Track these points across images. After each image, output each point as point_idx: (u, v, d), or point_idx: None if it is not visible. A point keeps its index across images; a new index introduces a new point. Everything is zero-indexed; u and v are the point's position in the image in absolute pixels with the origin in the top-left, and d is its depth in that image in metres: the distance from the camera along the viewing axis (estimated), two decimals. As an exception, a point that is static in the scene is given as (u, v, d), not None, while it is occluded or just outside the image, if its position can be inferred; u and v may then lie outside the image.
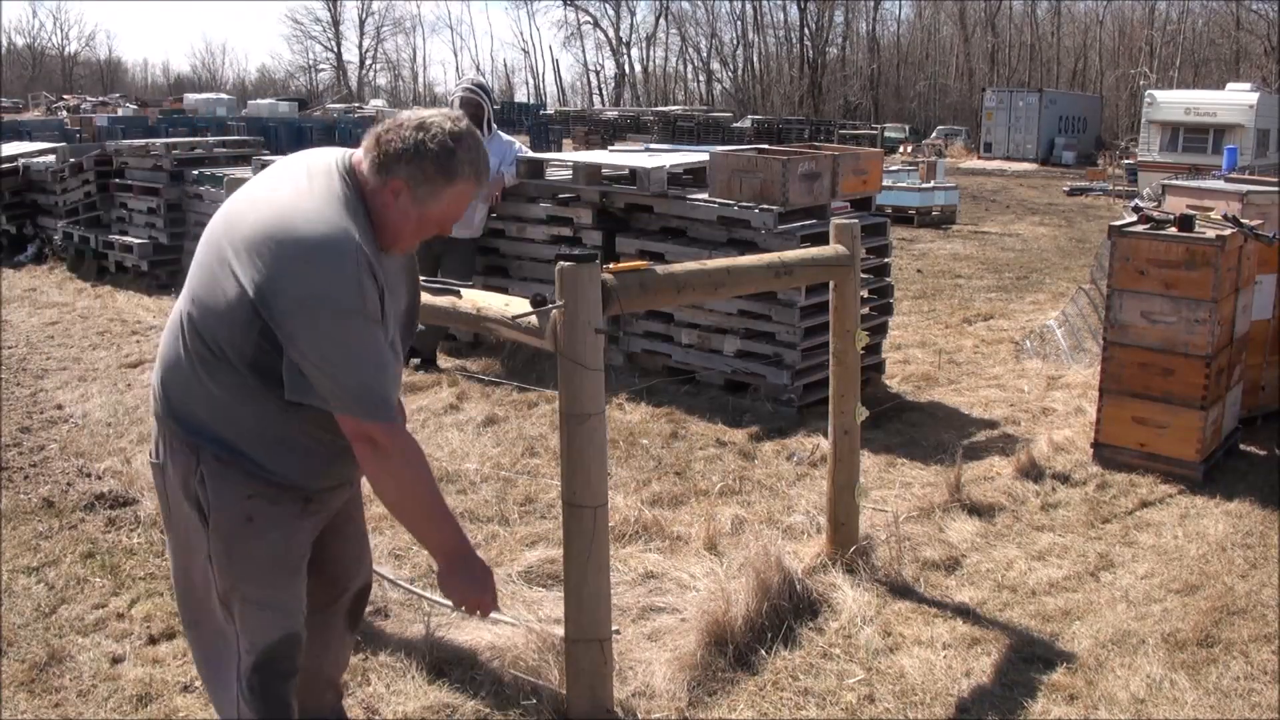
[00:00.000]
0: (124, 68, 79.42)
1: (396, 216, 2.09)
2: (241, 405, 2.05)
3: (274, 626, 2.15)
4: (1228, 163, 10.93)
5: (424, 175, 2.06)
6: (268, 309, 1.95)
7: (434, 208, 2.10)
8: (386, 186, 2.06)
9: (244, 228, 2.02)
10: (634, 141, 27.10)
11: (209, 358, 2.04)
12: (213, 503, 2.07)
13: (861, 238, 3.68)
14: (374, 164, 2.07)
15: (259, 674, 2.17)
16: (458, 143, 2.07)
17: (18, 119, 26.10)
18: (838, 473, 3.73)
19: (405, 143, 2.05)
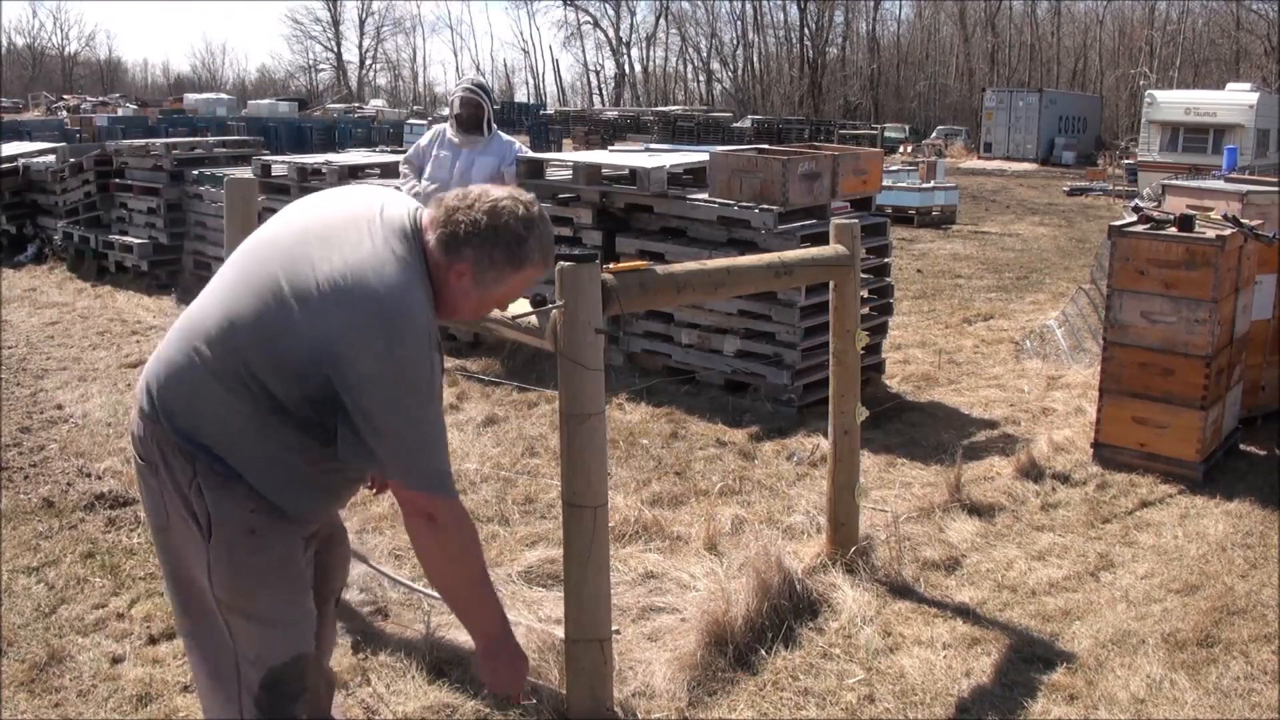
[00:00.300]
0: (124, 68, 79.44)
1: (457, 295, 2.06)
2: (257, 436, 1.99)
3: (283, 645, 2.09)
4: (1228, 163, 10.94)
5: (491, 262, 2.03)
6: (338, 373, 1.90)
7: (496, 292, 2.09)
8: (451, 268, 2.03)
9: (313, 275, 1.95)
10: (634, 141, 27.11)
11: (237, 385, 1.96)
12: (214, 514, 1.99)
13: (861, 238, 3.68)
14: (441, 242, 2.02)
15: (268, 693, 2.10)
16: (529, 231, 2.04)
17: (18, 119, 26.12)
18: (838, 473, 3.73)
19: (475, 226, 2.00)
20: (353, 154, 9.95)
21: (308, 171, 7.64)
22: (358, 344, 1.89)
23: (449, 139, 6.30)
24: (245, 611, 2.05)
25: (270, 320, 1.94)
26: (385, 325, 1.90)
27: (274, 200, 7.75)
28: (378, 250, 1.98)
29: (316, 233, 2.03)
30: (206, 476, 1.99)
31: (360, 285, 1.92)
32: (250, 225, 3.72)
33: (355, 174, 7.42)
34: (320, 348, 1.90)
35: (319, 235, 2.02)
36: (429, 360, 1.94)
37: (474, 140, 6.25)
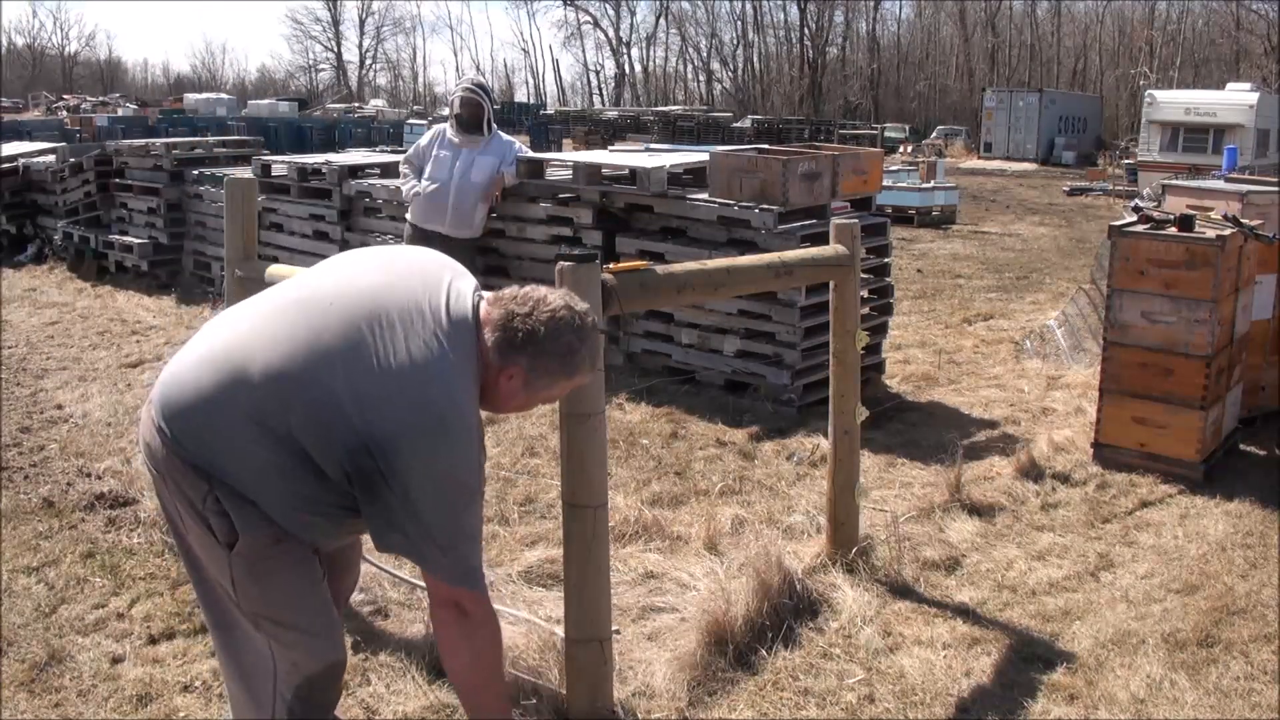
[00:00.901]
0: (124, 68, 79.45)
1: (505, 394, 2.10)
2: (282, 483, 1.98)
3: (320, 653, 2.11)
4: (1228, 163, 10.93)
5: (545, 370, 2.08)
6: (389, 466, 1.91)
7: (543, 394, 2.14)
8: (504, 371, 2.06)
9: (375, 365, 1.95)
10: (634, 141, 27.10)
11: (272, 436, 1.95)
12: (239, 524, 1.98)
13: (861, 238, 3.68)
14: (496, 346, 2.04)
15: (301, 703, 2.12)
16: (583, 342, 2.09)
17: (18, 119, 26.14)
18: (838, 473, 3.73)
19: (532, 336, 2.03)
20: (353, 154, 9.95)
21: (308, 171, 7.64)
22: (415, 445, 1.91)
23: (449, 139, 6.30)
24: (278, 620, 2.07)
25: (323, 394, 1.94)
26: (442, 431, 1.93)
27: (274, 200, 7.75)
28: (442, 350, 1.99)
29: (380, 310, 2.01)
30: (224, 490, 1.98)
31: (421, 389, 1.94)
32: (250, 225, 3.72)
33: (355, 174, 7.42)
34: (373, 439, 1.91)
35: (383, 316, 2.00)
36: (477, 464, 1.99)
37: (474, 140, 6.26)
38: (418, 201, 6.26)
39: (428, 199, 6.22)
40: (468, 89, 6.36)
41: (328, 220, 7.49)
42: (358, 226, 7.39)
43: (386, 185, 7.06)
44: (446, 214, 6.19)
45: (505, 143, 6.53)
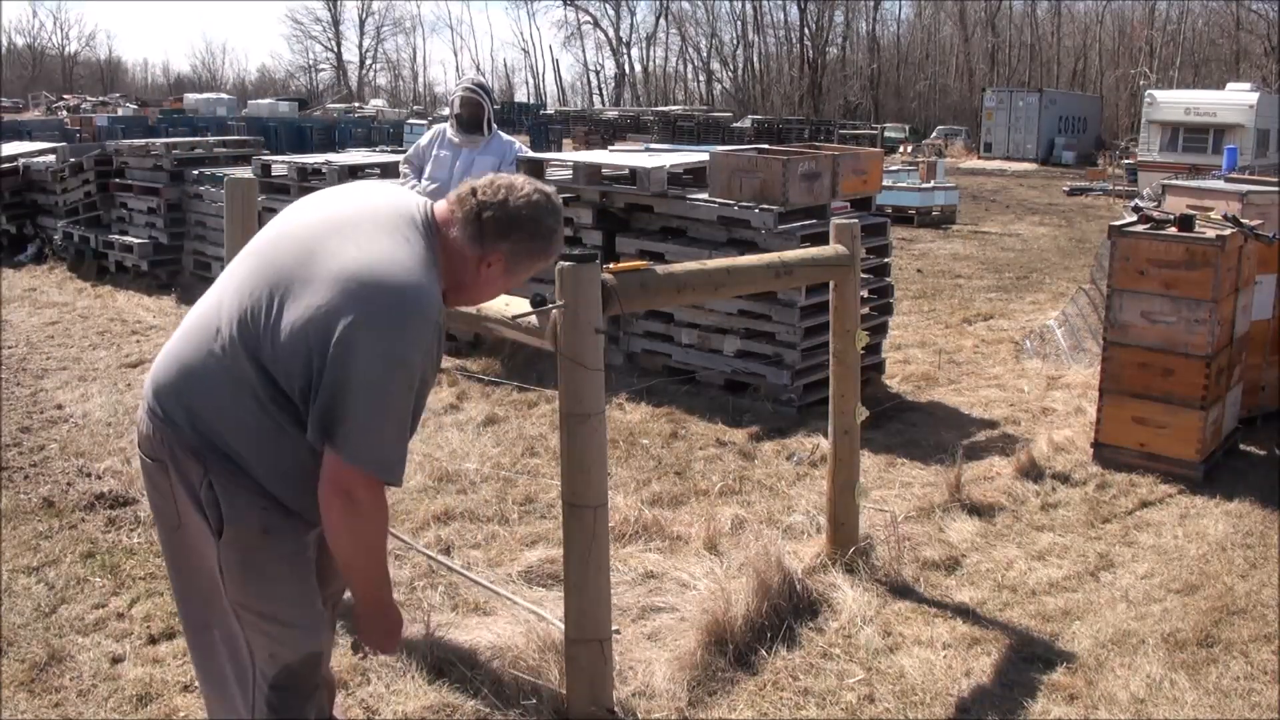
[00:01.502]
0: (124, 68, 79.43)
1: (483, 283, 2.13)
2: (267, 435, 1.99)
3: (298, 644, 2.10)
4: (1228, 163, 10.94)
5: (526, 252, 2.11)
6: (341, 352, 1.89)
7: (520, 277, 2.16)
8: (482, 259, 2.08)
9: (323, 262, 1.96)
10: (634, 141, 27.10)
11: (252, 380, 1.96)
12: (226, 513, 2.00)
13: (861, 238, 3.68)
14: (474, 237, 2.07)
15: (279, 693, 2.10)
16: (559, 221, 2.14)
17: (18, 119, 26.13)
18: (838, 473, 3.73)
19: (512, 221, 2.07)
20: (353, 154, 9.95)
21: (308, 171, 7.64)
22: (370, 330, 1.89)
23: (449, 138, 6.30)
24: (260, 611, 2.06)
25: (282, 308, 1.94)
26: (400, 316, 1.92)
27: (274, 200, 7.75)
28: (394, 243, 2.00)
29: (330, 226, 2.04)
30: (218, 475, 1.99)
31: (378, 276, 1.93)
32: (250, 225, 3.73)
33: (355, 174, 7.42)
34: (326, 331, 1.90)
35: (333, 228, 2.03)
36: (426, 350, 1.96)
37: (474, 140, 6.26)
38: None
39: (428, 198, 6.22)
40: (468, 89, 6.36)
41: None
42: (358, 226, 7.39)
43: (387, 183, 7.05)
44: None
45: (505, 142, 6.53)
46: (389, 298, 1.91)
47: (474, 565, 3.74)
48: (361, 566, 2.07)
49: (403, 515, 4.18)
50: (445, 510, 4.21)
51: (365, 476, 1.94)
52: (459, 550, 3.89)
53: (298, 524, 2.09)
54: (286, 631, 2.08)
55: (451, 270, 2.08)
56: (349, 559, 2.05)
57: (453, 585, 3.54)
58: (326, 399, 1.91)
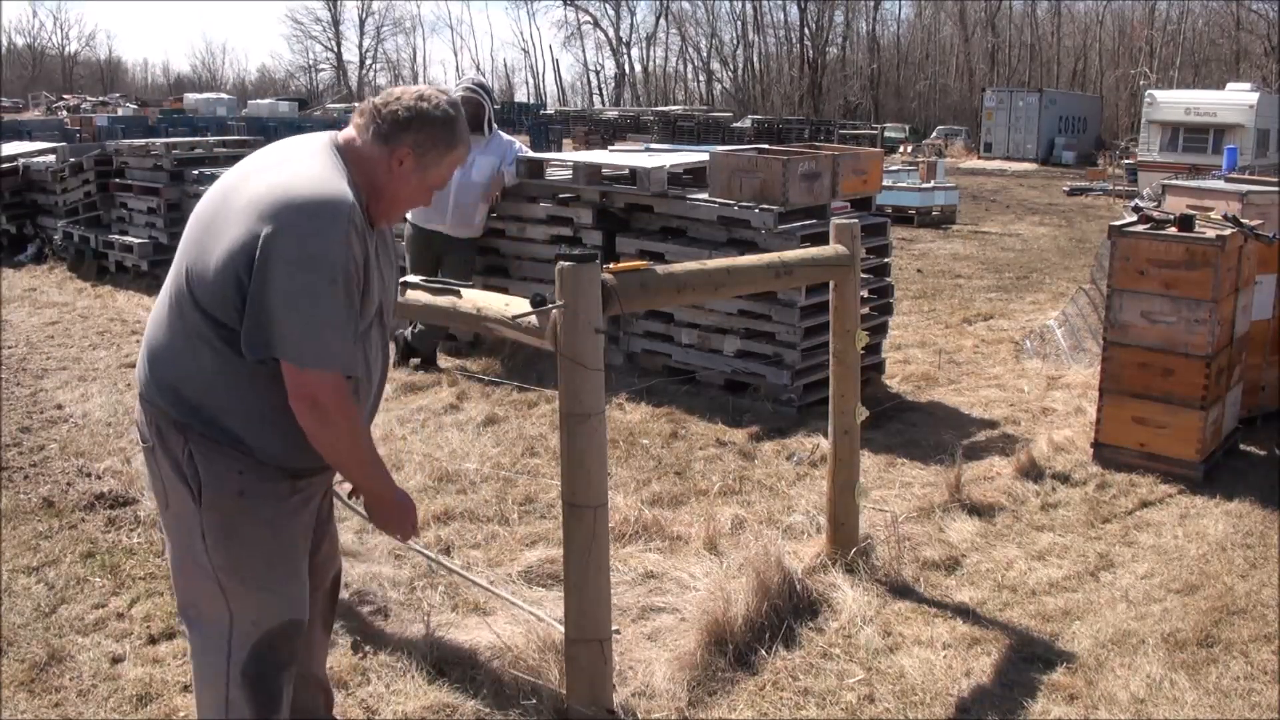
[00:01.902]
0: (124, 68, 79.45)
1: (397, 183, 2.19)
2: (230, 379, 2.08)
3: (276, 611, 2.15)
4: (1228, 163, 10.93)
5: (430, 141, 2.17)
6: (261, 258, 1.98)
7: (433, 173, 2.22)
8: (392, 155, 2.16)
9: (239, 198, 2.07)
10: (634, 141, 27.10)
11: (204, 330, 2.07)
12: (204, 479, 2.09)
13: (861, 238, 3.68)
14: (376, 134, 2.16)
15: (256, 661, 2.15)
16: (456, 110, 2.22)
17: (18, 119, 26.12)
18: (838, 473, 3.73)
19: (410, 112, 2.15)
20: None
21: (308, 171, 7.63)
22: (282, 233, 1.98)
23: (449, 139, 6.30)
24: (241, 575, 2.12)
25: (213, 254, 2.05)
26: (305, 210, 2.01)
27: (274, 200, 7.75)
28: (300, 163, 2.12)
29: (242, 174, 2.17)
30: (197, 443, 2.09)
31: (282, 187, 2.04)
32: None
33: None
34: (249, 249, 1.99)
35: (245, 175, 2.16)
36: (346, 245, 2.02)
37: (474, 139, 6.25)
38: None
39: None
40: (468, 88, 6.36)
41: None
42: (358, 226, 7.39)
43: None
44: (447, 213, 6.20)
45: (505, 142, 6.53)
46: (296, 205, 2.01)
47: (474, 565, 3.74)
48: (348, 462, 2.17)
49: (403, 515, 4.17)
50: (445, 510, 4.21)
51: (317, 375, 2.03)
52: (459, 550, 3.89)
53: (279, 485, 2.15)
54: (266, 596, 2.14)
55: (366, 177, 2.17)
56: (336, 459, 2.16)
57: (453, 585, 3.54)
58: (256, 311, 2.00)
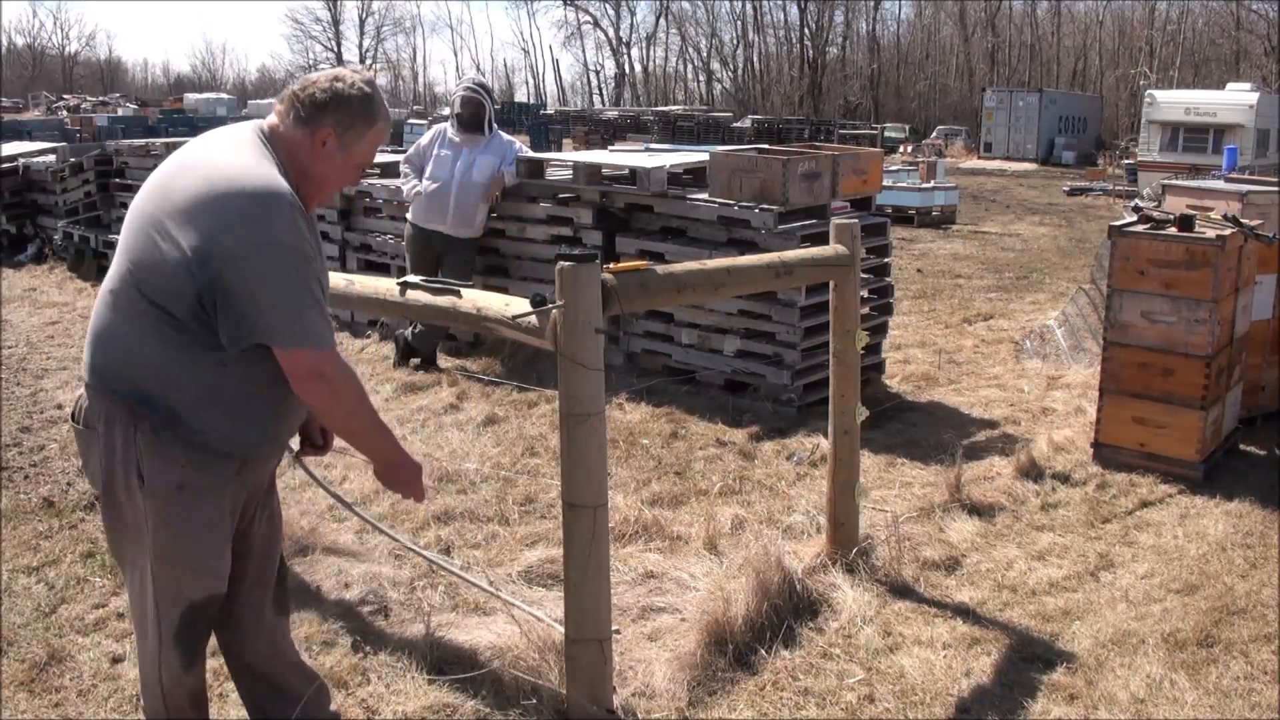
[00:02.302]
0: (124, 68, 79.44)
1: (323, 164, 2.27)
2: (179, 365, 2.16)
3: (201, 586, 2.31)
4: (1228, 163, 10.92)
5: (350, 119, 2.25)
6: (211, 260, 2.06)
7: (357, 151, 2.30)
8: (314, 136, 2.24)
9: (179, 193, 2.13)
10: (634, 141, 27.10)
11: (152, 320, 2.14)
12: (147, 470, 2.19)
13: (861, 238, 3.68)
14: (297, 118, 2.24)
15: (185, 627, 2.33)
16: (373, 89, 2.29)
17: (18, 119, 26.11)
18: (838, 473, 3.73)
19: (328, 93, 2.23)
20: (353, 154, 9.93)
21: (308, 171, 7.63)
22: (223, 229, 2.07)
23: (449, 138, 6.31)
24: (173, 558, 2.26)
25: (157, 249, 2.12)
26: (246, 203, 2.08)
27: (274, 200, 7.75)
28: (229, 154, 2.19)
29: (179, 166, 2.23)
30: (146, 434, 2.18)
31: (217, 181, 2.11)
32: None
33: (355, 174, 7.42)
34: (196, 247, 2.07)
35: (181, 167, 2.22)
36: (296, 226, 2.11)
37: (474, 139, 6.26)
38: (419, 201, 6.26)
39: (429, 198, 6.22)
40: (468, 88, 6.37)
41: (327, 220, 7.49)
42: (358, 226, 7.39)
43: (386, 185, 7.06)
44: (448, 213, 6.20)
45: (505, 142, 6.53)
46: (239, 197, 2.09)
47: (474, 565, 3.74)
48: (360, 430, 2.30)
49: (403, 515, 4.18)
50: (445, 510, 4.21)
51: (315, 353, 2.13)
52: (459, 550, 3.89)
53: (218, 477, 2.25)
54: (195, 576, 2.30)
55: (293, 161, 2.24)
56: (349, 430, 2.29)
57: (453, 585, 3.54)
58: (234, 306, 2.08)
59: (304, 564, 3.66)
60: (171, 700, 2.40)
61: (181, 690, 2.40)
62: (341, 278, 3.41)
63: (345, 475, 4.59)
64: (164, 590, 2.29)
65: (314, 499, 4.25)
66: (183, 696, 2.41)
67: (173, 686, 2.38)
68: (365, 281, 3.27)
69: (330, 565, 3.66)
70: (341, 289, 3.26)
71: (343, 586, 3.54)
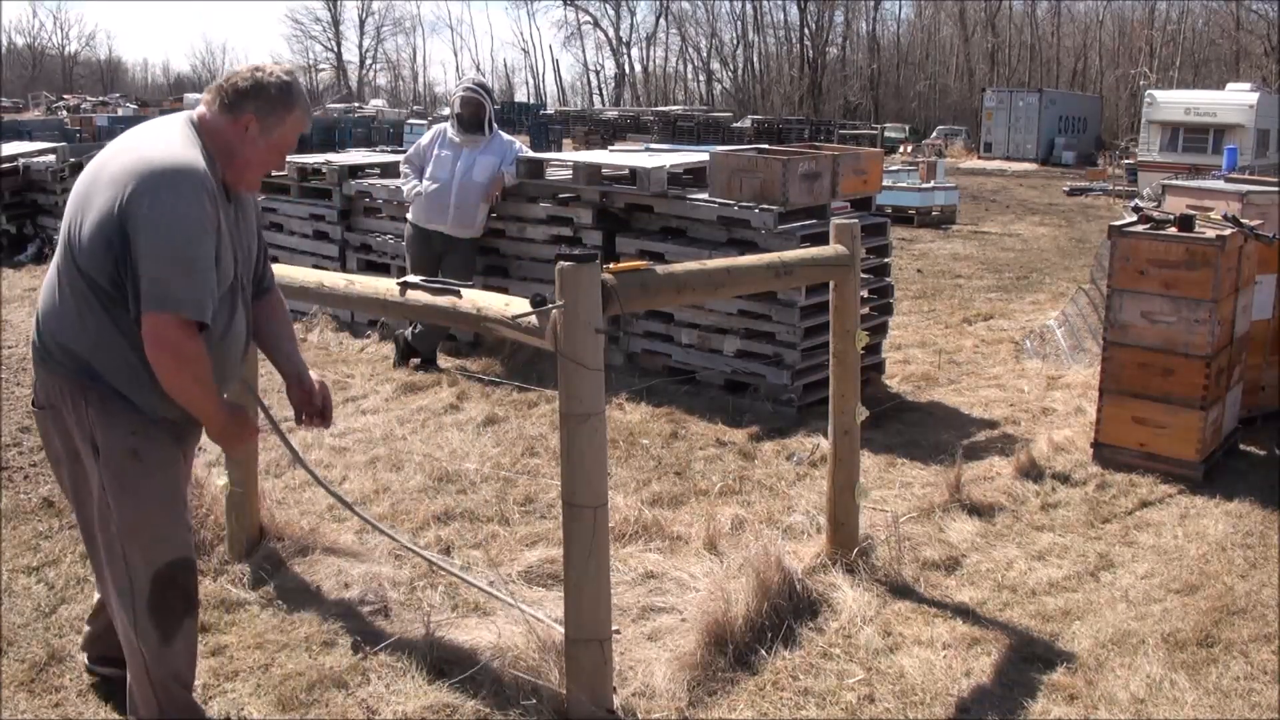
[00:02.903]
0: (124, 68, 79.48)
1: (247, 148, 2.47)
2: (111, 338, 2.36)
3: (166, 551, 2.46)
4: (1228, 163, 10.93)
5: (271, 107, 2.46)
6: (123, 229, 2.27)
7: (277, 135, 2.49)
8: (238, 122, 2.45)
9: (107, 173, 2.34)
10: (634, 141, 27.10)
11: (85, 293, 2.34)
12: (100, 440, 2.37)
13: (861, 238, 3.68)
14: (223, 106, 2.45)
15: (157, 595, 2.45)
16: (291, 78, 2.51)
17: (18, 119, 26.13)
18: (838, 473, 3.73)
19: (249, 82, 2.45)
20: (353, 154, 9.95)
21: (308, 171, 7.64)
22: (136, 196, 2.27)
23: (450, 138, 6.31)
24: (133, 522, 2.41)
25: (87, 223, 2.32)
26: (158, 175, 2.29)
27: (274, 200, 7.75)
28: (156, 138, 2.42)
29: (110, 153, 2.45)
30: (95, 405, 2.38)
31: (139, 159, 2.33)
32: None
33: (355, 174, 7.42)
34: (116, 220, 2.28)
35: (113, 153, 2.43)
36: (199, 199, 2.30)
37: (475, 140, 6.26)
38: (419, 201, 6.26)
39: (430, 198, 6.22)
40: (468, 88, 6.37)
41: (328, 220, 7.49)
42: (358, 226, 7.39)
43: (386, 185, 7.06)
44: (449, 213, 6.20)
45: (506, 142, 6.53)
46: (151, 170, 2.30)
47: (474, 565, 3.74)
48: (195, 398, 2.40)
49: (403, 515, 4.18)
50: (445, 510, 4.21)
51: (166, 317, 2.27)
52: (459, 550, 3.89)
53: (167, 441, 2.45)
54: (159, 542, 2.44)
55: (219, 145, 2.45)
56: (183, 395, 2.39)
57: (453, 585, 3.54)
58: (132, 271, 2.28)
59: (304, 564, 3.66)
60: (155, 676, 2.49)
61: (164, 668, 2.49)
62: (341, 278, 3.41)
63: (345, 475, 4.59)
64: (133, 562, 2.43)
65: (314, 499, 4.25)
66: (165, 674, 2.49)
67: (153, 661, 2.48)
68: (365, 281, 3.27)
69: (330, 565, 3.66)
70: (341, 289, 3.27)
71: (343, 586, 3.54)
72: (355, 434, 5.15)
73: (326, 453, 4.87)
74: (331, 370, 6.27)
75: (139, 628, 2.46)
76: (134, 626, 2.46)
